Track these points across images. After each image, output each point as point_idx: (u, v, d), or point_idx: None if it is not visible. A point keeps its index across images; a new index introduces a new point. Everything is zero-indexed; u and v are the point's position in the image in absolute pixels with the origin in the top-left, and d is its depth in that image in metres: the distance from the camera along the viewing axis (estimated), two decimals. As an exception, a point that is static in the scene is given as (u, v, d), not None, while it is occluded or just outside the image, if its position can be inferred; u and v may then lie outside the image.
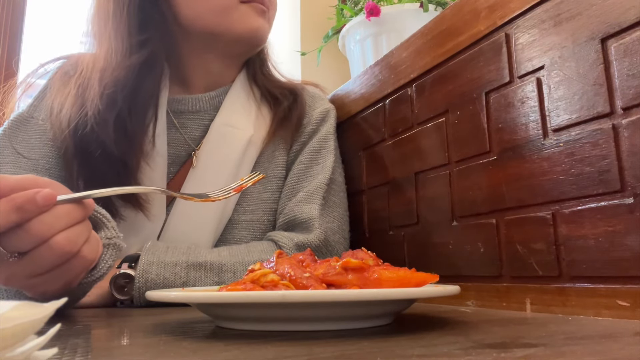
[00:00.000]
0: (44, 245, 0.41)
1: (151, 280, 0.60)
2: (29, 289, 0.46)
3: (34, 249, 0.41)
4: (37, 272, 0.43)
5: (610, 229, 0.40)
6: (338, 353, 0.26)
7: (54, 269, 0.43)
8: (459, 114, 0.58)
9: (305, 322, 0.34)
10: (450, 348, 0.27)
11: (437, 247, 0.60)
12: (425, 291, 0.35)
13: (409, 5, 0.93)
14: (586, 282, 0.42)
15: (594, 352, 0.26)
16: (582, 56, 0.44)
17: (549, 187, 0.46)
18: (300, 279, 0.36)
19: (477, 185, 0.55)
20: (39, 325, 0.20)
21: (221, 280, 0.62)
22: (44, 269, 0.43)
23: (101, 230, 0.51)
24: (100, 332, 0.36)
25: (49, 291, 0.46)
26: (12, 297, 0.55)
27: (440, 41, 0.61)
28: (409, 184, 0.66)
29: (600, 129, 0.42)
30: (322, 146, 0.77)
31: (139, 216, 0.68)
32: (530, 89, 0.49)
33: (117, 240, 0.51)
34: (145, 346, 0.31)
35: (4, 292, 0.57)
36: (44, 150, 0.68)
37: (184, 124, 0.75)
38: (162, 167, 0.70)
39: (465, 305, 0.54)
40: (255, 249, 0.66)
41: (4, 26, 1.51)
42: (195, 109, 0.76)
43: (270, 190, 0.76)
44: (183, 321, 0.43)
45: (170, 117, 0.74)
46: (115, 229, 0.52)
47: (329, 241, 0.69)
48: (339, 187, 0.77)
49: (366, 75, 0.77)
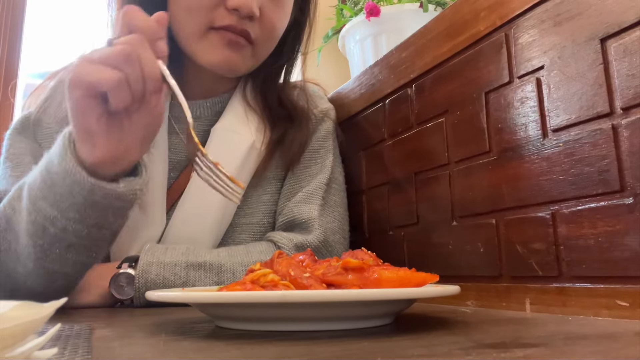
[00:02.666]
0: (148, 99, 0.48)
1: (151, 281, 0.60)
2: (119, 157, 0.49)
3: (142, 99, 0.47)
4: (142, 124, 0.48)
5: (610, 229, 0.40)
6: (338, 353, 0.26)
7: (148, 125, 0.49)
8: (459, 114, 0.58)
9: (305, 322, 0.34)
10: (450, 348, 0.27)
11: (437, 247, 0.60)
12: (425, 291, 0.35)
13: (409, 5, 0.93)
14: (586, 282, 0.42)
15: (594, 352, 0.26)
16: (582, 56, 0.44)
17: (549, 187, 0.46)
18: (300, 279, 0.36)
19: (477, 185, 0.55)
20: (39, 325, 0.20)
21: (220, 280, 0.62)
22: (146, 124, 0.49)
23: (134, 176, 0.53)
24: (100, 332, 0.36)
25: (133, 158, 0.51)
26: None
27: (440, 41, 0.62)
28: (409, 184, 0.66)
29: (599, 129, 0.42)
30: (322, 146, 0.77)
31: (138, 219, 0.68)
32: (529, 89, 0.49)
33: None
34: (145, 346, 0.31)
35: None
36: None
37: (184, 129, 0.75)
38: (162, 172, 0.70)
39: (465, 305, 0.54)
40: (254, 250, 0.66)
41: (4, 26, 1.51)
42: (196, 115, 0.75)
43: (270, 192, 0.75)
44: (183, 321, 0.43)
45: (171, 122, 0.74)
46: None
47: (328, 241, 0.69)
48: (339, 186, 0.77)
49: (366, 75, 0.77)
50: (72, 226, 0.50)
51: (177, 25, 0.69)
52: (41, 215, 0.50)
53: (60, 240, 0.51)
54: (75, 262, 0.53)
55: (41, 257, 0.52)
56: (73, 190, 0.48)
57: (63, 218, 0.50)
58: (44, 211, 0.50)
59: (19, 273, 0.54)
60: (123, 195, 0.51)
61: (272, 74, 0.79)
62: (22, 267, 0.53)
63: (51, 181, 0.49)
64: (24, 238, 0.52)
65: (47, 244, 0.51)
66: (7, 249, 0.54)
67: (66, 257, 0.52)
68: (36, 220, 0.50)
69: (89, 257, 0.54)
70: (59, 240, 0.51)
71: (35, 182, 0.51)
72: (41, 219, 0.50)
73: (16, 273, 0.54)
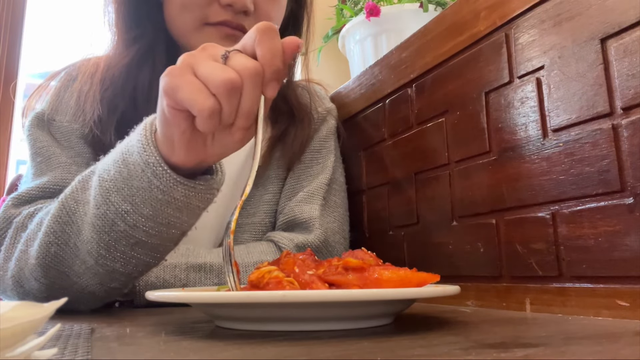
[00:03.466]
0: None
1: (151, 283, 0.60)
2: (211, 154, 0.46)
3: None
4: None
5: (610, 229, 0.40)
6: (338, 353, 0.26)
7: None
8: (459, 114, 0.58)
9: (305, 322, 0.34)
10: (450, 348, 0.27)
11: (437, 247, 0.60)
12: (425, 291, 0.35)
13: (409, 5, 0.93)
14: (586, 282, 0.42)
15: (594, 352, 0.26)
16: (582, 56, 0.44)
17: (549, 187, 0.46)
18: (304, 275, 0.36)
19: (477, 185, 0.55)
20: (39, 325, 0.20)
21: (221, 281, 0.62)
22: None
23: (212, 174, 0.50)
24: (100, 332, 0.36)
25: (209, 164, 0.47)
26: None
27: (440, 41, 0.61)
28: (409, 184, 0.66)
29: (600, 129, 0.42)
30: (323, 146, 0.77)
31: None
32: (530, 89, 0.49)
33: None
34: (145, 346, 0.31)
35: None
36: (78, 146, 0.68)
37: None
38: None
39: (465, 305, 0.54)
40: (254, 250, 0.66)
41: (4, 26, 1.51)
42: None
43: (272, 192, 0.75)
44: (183, 321, 0.43)
45: None
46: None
47: (329, 241, 0.69)
48: (340, 187, 0.77)
49: (366, 75, 0.77)
50: (144, 223, 0.47)
51: (172, 22, 0.69)
52: (112, 209, 0.47)
53: (128, 237, 0.48)
54: (138, 261, 0.50)
55: (104, 254, 0.49)
56: (152, 184, 0.45)
57: (135, 213, 0.47)
58: (116, 205, 0.47)
59: (74, 270, 0.51)
60: (202, 193, 0.48)
61: None
62: (80, 263, 0.50)
63: (128, 173, 0.46)
64: (88, 232, 0.49)
65: (114, 240, 0.48)
66: (65, 243, 0.51)
67: (130, 256, 0.49)
68: (106, 215, 0.47)
69: (154, 258, 0.51)
70: (127, 237, 0.48)
71: (108, 173, 0.48)
72: (112, 213, 0.47)
73: (71, 269, 0.51)
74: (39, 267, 0.52)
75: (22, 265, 0.54)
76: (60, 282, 0.52)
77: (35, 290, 0.53)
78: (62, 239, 0.51)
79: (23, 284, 0.54)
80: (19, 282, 0.54)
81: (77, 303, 0.54)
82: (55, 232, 0.51)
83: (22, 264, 0.54)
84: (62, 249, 0.51)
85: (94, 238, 0.48)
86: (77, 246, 0.50)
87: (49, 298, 0.52)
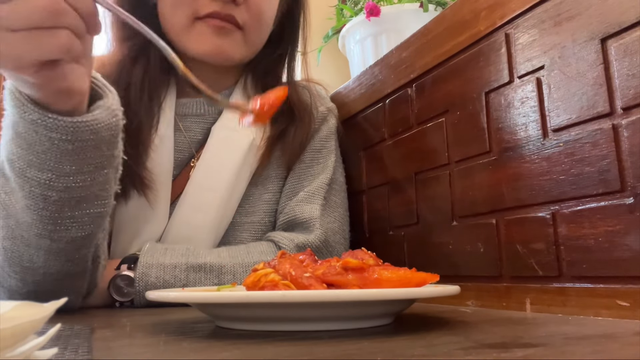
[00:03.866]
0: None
1: (151, 284, 0.60)
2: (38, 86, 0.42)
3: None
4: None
5: (610, 229, 0.40)
6: (338, 353, 0.26)
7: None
8: (459, 114, 0.58)
9: (305, 322, 0.34)
10: (450, 348, 0.27)
11: (437, 247, 0.60)
12: (425, 291, 0.35)
13: (409, 5, 0.93)
14: (586, 282, 0.42)
15: (594, 352, 0.26)
16: (582, 56, 0.44)
17: (549, 187, 0.46)
18: (301, 278, 0.36)
19: (477, 185, 0.55)
20: (39, 325, 0.20)
21: (221, 282, 0.62)
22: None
23: (102, 99, 0.47)
24: (100, 332, 0.36)
25: (62, 88, 0.42)
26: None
27: (440, 41, 0.61)
28: (409, 184, 0.66)
29: (600, 129, 0.42)
30: (324, 146, 0.77)
31: (140, 218, 0.68)
32: (530, 89, 0.49)
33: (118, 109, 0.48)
34: (145, 346, 0.31)
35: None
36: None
37: (188, 127, 0.75)
38: (168, 169, 0.70)
39: (465, 305, 0.54)
40: (255, 250, 0.66)
41: (4, 26, 1.51)
42: (200, 112, 0.75)
43: (272, 191, 0.75)
44: (183, 321, 0.43)
45: (175, 120, 0.74)
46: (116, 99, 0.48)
47: (329, 242, 0.69)
48: (340, 187, 0.77)
49: (366, 75, 0.77)
50: (73, 181, 0.45)
51: (165, 21, 0.70)
52: (35, 184, 0.45)
53: (67, 201, 0.46)
54: (89, 217, 0.48)
55: (54, 229, 0.46)
56: (53, 140, 0.43)
57: (59, 177, 0.44)
58: (37, 178, 0.44)
59: (35, 261, 0.49)
60: (106, 120, 0.45)
61: (273, 65, 0.79)
62: (36, 251, 0.48)
63: (26, 142, 0.44)
64: (26, 217, 0.47)
65: (55, 211, 0.46)
66: (12, 237, 0.49)
67: (79, 216, 0.47)
68: (32, 192, 0.45)
69: (103, 206, 0.49)
70: (65, 202, 0.46)
71: (12, 153, 0.45)
72: (37, 189, 0.45)
73: (32, 262, 0.49)
74: (5, 263, 0.50)
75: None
76: (31, 277, 0.50)
77: (15, 287, 0.52)
78: (9, 233, 0.49)
79: (2, 282, 0.53)
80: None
81: (71, 295, 0.52)
82: (2, 228, 0.49)
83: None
84: (13, 244, 0.49)
85: (36, 219, 0.46)
86: (25, 237, 0.48)
87: (31, 295, 0.51)
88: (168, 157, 0.71)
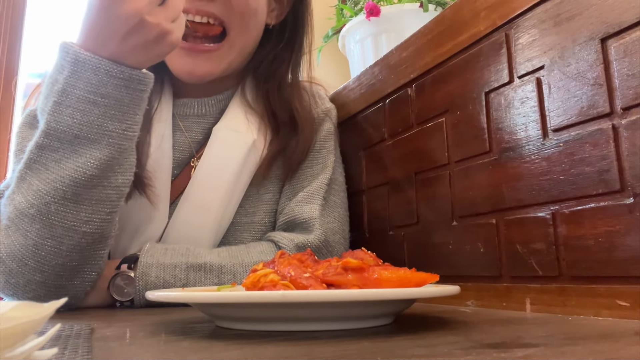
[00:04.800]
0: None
1: (151, 283, 0.60)
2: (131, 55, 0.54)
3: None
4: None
5: (610, 229, 0.40)
6: (338, 353, 0.26)
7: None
8: (459, 114, 0.58)
9: (305, 322, 0.34)
10: (450, 348, 0.27)
11: (437, 247, 0.60)
12: (425, 291, 0.35)
13: (409, 5, 0.93)
14: (586, 282, 0.42)
15: (594, 352, 0.26)
16: (582, 56, 0.44)
17: (549, 187, 0.46)
18: (300, 279, 0.36)
19: (477, 185, 0.55)
20: (39, 325, 0.20)
21: (221, 281, 0.62)
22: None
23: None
24: (100, 332, 0.36)
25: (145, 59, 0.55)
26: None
27: (440, 41, 0.61)
28: (409, 184, 0.66)
29: (600, 129, 0.42)
30: (323, 146, 0.77)
31: (141, 217, 0.68)
32: (530, 89, 0.49)
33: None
34: (145, 346, 0.31)
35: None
36: None
37: (189, 127, 0.75)
38: (167, 168, 0.70)
39: (465, 305, 0.54)
40: (255, 250, 0.66)
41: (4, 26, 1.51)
42: (201, 113, 0.75)
43: (272, 191, 0.75)
44: (183, 321, 0.43)
45: (176, 120, 0.74)
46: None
47: (329, 242, 0.69)
48: (340, 187, 0.77)
49: (366, 75, 0.77)
50: (138, 129, 0.57)
51: None
52: (115, 135, 0.54)
53: (128, 149, 0.56)
54: (129, 166, 0.57)
55: (109, 175, 0.55)
56: (137, 91, 0.55)
57: (132, 126, 0.56)
58: (116, 130, 0.54)
59: (82, 217, 0.54)
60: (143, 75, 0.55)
61: (274, 67, 0.78)
62: (87, 205, 0.54)
63: (114, 99, 0.54)
64: (87, 170, 0.53)
65: (118, 159, 0.55)
66: (63, 199, 0.53)
67: (124, 163, 0.56)
68: (110, 143, 0.54)
69: (133, 157, 0.58)
70: (127, 150, 0.56)
71: (89, 115, 0.53)
72: (115, 139, 0.54)
73: (78, 220, 0.54)
74: (45, 230, 0.54)
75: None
76: (69, 240, 0.54)
77: (46, 258, 0.54)
78: (58, 195, 0.54)
79: (27, 260, 0.55)
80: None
81: (93, 271, 0.58)
82: (46, 194, 0.53)
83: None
84: (62, 204, 0.54)
85: (98, 168, 0.54)
86: (76, 192, 0.53)
87: (58, 268, 0.55)
88: (167, 156, 0.71)
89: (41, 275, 0.54)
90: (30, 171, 0.54)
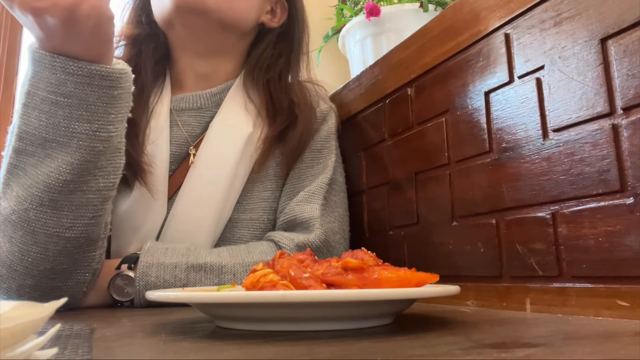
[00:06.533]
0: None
1: (151, 283, 0.60)
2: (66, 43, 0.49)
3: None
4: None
5: (610, 229, 0.40)
6: (338, 353, 0.26)
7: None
8: (459, 114, 0.58)
9: (305, 322, 0.34)
10: (450, 348, 0.27)
11: (437, 247, 0.60)
12: (425, 291, 0.35)
13: (409, 5, 0.93)
14: (586, 282, 0.42)
15: (594, 352, 0.26)
16: (582, 56, 0.44)
17: (549, 187, 0.46)
18: (300, 279, 0.36)
19: (477, 185, 0.55)
20: (39, 325, 0.20)
21: (221, 281, 0.62)
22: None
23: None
24: (100, 332, 0.36)
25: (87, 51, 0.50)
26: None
27: (440, 41, 0.61)
28: (409, 184, 0.66)
29: (600, 129, 0.42)
30: (324, 146, 0.77)
31: (140, 212, 0.68)
32: (530, 89, 0.49)
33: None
34: (145, 346, 0.31)
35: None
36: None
37: (185, 121, 0.75)
38: (165, 163, 0.70)
39: (465, 305, 0.54)
40: (255, 250, 0.66)
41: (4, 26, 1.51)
42: (197, 106, 0.75)
43: (271, 189, 0.75)
44: (183, 321, 0.43)
45: (172, 114, 0.74)
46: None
47: (329, 241, 0.69)
48: (340, 187, 0.77)
49: (366, 75, 0.77)
50: (113, 129, 0.52)
51: (155, 14, 0.74)
52: (84, 137, 0.51)
53: (106, 150, 0.53)
54: (113, 167, 0.54)
55: (86, 179, 0.52)
56: (103, 87, 0.51)
57: (104, 126, 0.51)
58: (85, 131, 0.51)
59: (64, 223, 0.52)
60: (129, 71, 0.53)
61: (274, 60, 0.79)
62: (67, 211, 0.52)
63: (77, 99, 0.50)
64: (61, 175, 0.51)
65: (94, 162, 0.52)
66: (40, 205, 0.51)
67: (105, 166, 0.53)
68: (80, 145, 0.51)
69: (120, 158, 0.55)
70: (105, 151, 0.52)
71: (54, 117, 0.50)
72: (85, 141, 0.51)
73: (60, 226, 0.52)
74: (28, 237, 0.52)
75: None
76: (54, 247, 0.53)
77: (32, 263, 0.53)
78: (35, 202, 0.52)
79: (15, 265, 0.54)
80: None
81: (85, 272, 0.56)
82: (24, 200, 0.51)
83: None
84: (40, 211, 0.51)
85: (73, 173, 0.51)
86: (53, 199, 0.51)
87: (48, 272, 0.53)
88: (164, 150, 0.71)
89: (32, 279, 0.53)
90: (12, 176, 0.52)
